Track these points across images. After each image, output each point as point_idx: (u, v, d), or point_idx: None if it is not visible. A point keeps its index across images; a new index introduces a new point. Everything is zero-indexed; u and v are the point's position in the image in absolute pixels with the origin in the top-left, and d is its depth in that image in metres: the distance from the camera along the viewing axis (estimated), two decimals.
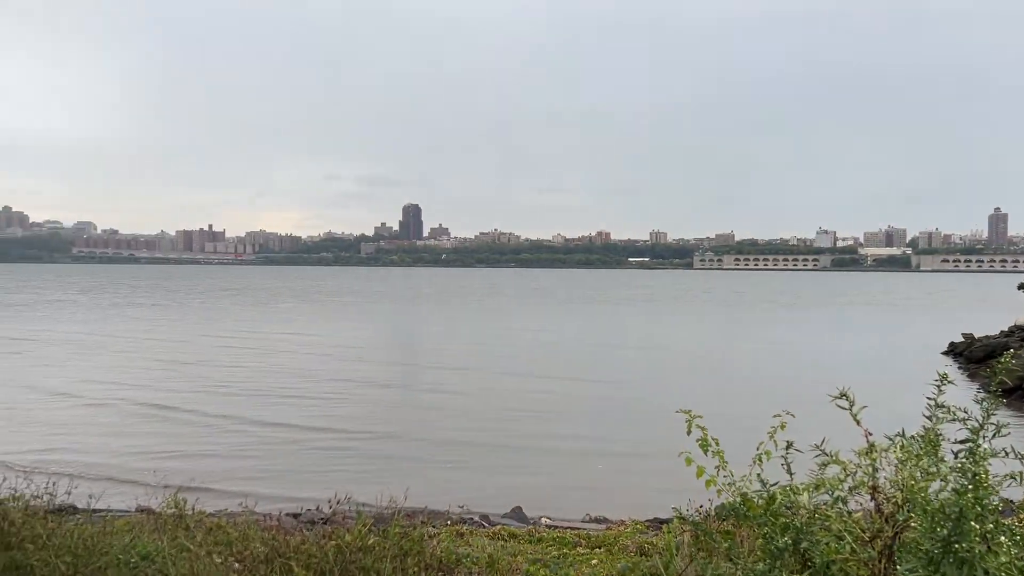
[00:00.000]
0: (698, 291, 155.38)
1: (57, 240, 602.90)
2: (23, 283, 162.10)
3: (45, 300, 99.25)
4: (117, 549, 6.34)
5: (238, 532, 5.97)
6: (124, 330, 57.43)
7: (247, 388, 30.17)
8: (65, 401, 27.57)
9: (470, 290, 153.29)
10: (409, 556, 4.52)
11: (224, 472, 17.64)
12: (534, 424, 24.99)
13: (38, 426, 23.04)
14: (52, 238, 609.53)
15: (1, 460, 5.77)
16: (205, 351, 43.77)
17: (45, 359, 40.04)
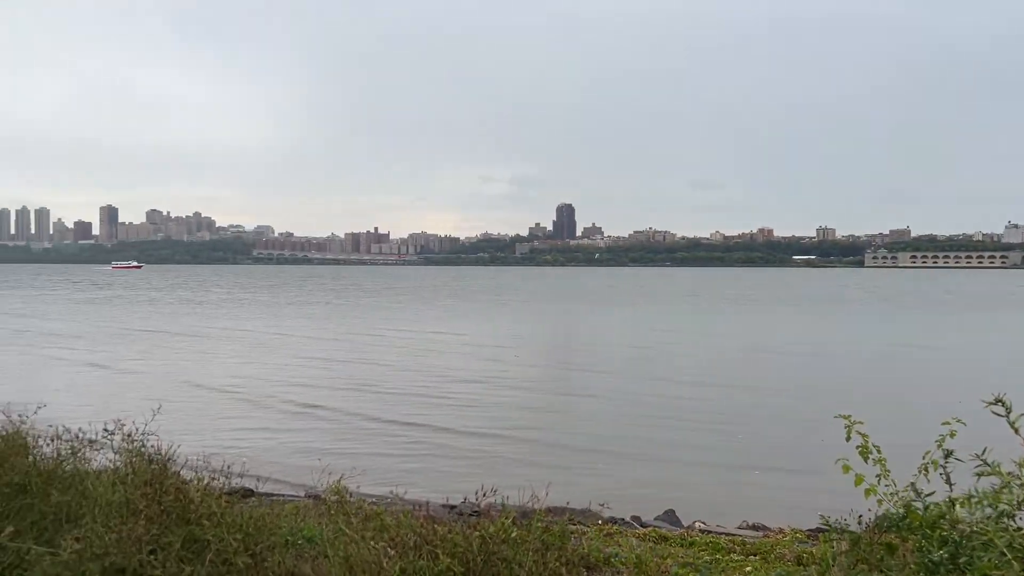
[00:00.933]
0: (866, 289, 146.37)
1: (240, 243, 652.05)
2: (214, 282, 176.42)
3: (235, 299, 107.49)
4: (285, 530, 6.77)
5: (393, 519, 6.21)
6: (295, 327, 61.19)
7: (405, 387, 31.28)
8: (235, 393, 29.78)
9: (622, 289, 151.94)
10: (550, 550, 4.54)
11: (378, 465, 18.43)
12: (684, 428, 24.43)
13: (211, 417, 24.98)
14: (235, 241, 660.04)
15: (180, 445, 6.41)
16: (368, 349, 45.87)
17: (224, 354, 43.40)
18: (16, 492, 6.30)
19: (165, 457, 6.22)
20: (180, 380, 32.76)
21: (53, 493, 6.04)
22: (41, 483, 6.35)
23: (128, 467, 6.27)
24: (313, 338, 51.75)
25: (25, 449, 6.75)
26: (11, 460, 6.48)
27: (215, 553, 5.00)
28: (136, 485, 5.56)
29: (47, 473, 6.46)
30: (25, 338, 50.37)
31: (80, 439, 7.00)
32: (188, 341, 49.40)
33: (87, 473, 6.63)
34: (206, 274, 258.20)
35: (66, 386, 30.93)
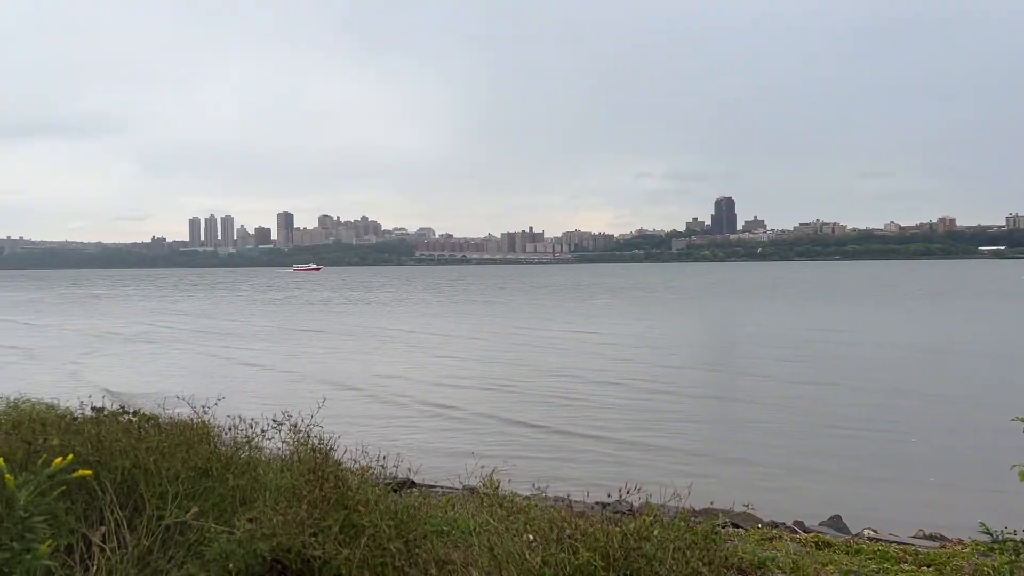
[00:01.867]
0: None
1: (403, 245, 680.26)
2: (380, 283, 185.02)
3: (399, 299, 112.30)
4: (438, 520, 7.05)
5: (538, 513, 6.33)
6: (454, 326, 63.08)
7: (557, 388, 31.45)
8: (394, 389, 31.15)
9: (786, 285, 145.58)
10: (693, 550, 4.48)
11: (526, 462, 18.69)
12: (850, 432, 23.14)
13: (371, 411, 26.25)
14: (399, 243, 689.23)
15: (340, 436, 6.85)
16: (525, 349, 46.53)
17: (386, 352, 45.47)
18: (199, 476, 6.94)
19: (326, 447, 6.65)
20: (344, 376, 34.67)
21: (230, 478, 6.61)
22: (220, 468, 6.95)
23: (294, 455, 6.76)
24: (469, 337, 53.19)
25: (208, 437, 7.41)
26: (196, 447, 7.13)
27: (370, 538, 5.30)
28: (300, 472, 5.98)
29: (226, 459, 7.06)
30: (211, 336, 54.95)
31: (253, 429, 7.60)
32: (355, 340, 52.10)
33: (259, 460, 7.20)
34: (374, 275, 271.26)
35: (243, 380, 33.49)
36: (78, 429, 7.80)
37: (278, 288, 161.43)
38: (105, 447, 7.21)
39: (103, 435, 7.38)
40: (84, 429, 7.79)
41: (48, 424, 9.25)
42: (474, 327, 61.16)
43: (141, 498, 7.02)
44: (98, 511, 6.97)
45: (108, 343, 51.05)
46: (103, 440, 7.27)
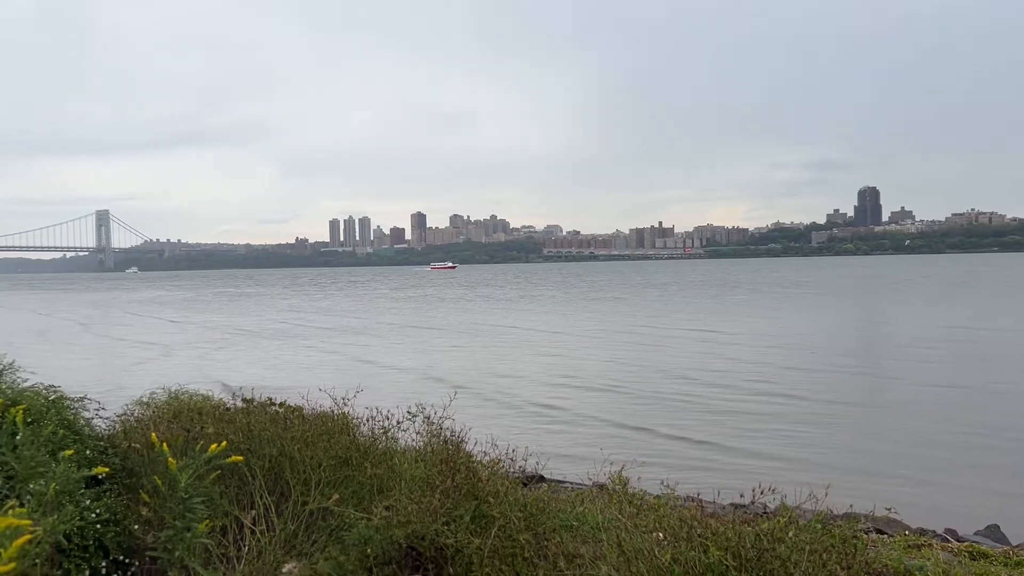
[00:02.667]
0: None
1: (531, 243, 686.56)
2: (510, 280, 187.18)
3: (531, 295, 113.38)
4: (567, 514, 7.10)
5: (668, 511, 6.26)
6: (581, 323, 63.00)
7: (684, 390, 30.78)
8: (523, 382, 31.43)
9: (939, 279, 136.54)
10: (830, 553, 4.32)
11: (655, 460, 18.39)
12: (1001, 443, 21.42)
13: (501, 404, 26.58)
14: (527, 241, 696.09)
15: (472, 428, 6.98)
16: (652, 348, 45.88)
17: (517, 347, 45.94)
18: (340, 464, 7.28)
19: (458, 439, 6.83)
20: (472, 372, 35.35)
21: (368, 467, 6.90)
22: (359, 458, 7.27)
23: (427, 447, 6.98)
24: (593, 335, 52.91)
25: (347, 428, 7.77)
26: (337, 437, 7.49)
27: (500, 528, 5.40)
28: (433, 463, 6.17)
29: (364, 449, 7.39)
30: (347, 333, 57.27)
31: (389, 420, 7.89)
32: (482, 337, 52.97)
33: (395, 451, 7.48)
34: (505, 273, 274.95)
35: (376, 374, 34.74)
36: (230, 419, 8.36)
37: (414, 286, 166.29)
38: (254, 436, 7.69)
39: (253, 424, 7.87)
40: (236, 419, 8.34)
41: (204, 413, 9.94)
42: (600, 324, 60.86)
43: (287, 484, 7.44)
44: (248, 495, 7.45)
45: (242, 339, 54.16)
46: (253, 429, 7.76)
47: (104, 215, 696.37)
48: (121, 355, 46.49)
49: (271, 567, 6.19)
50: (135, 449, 8.50)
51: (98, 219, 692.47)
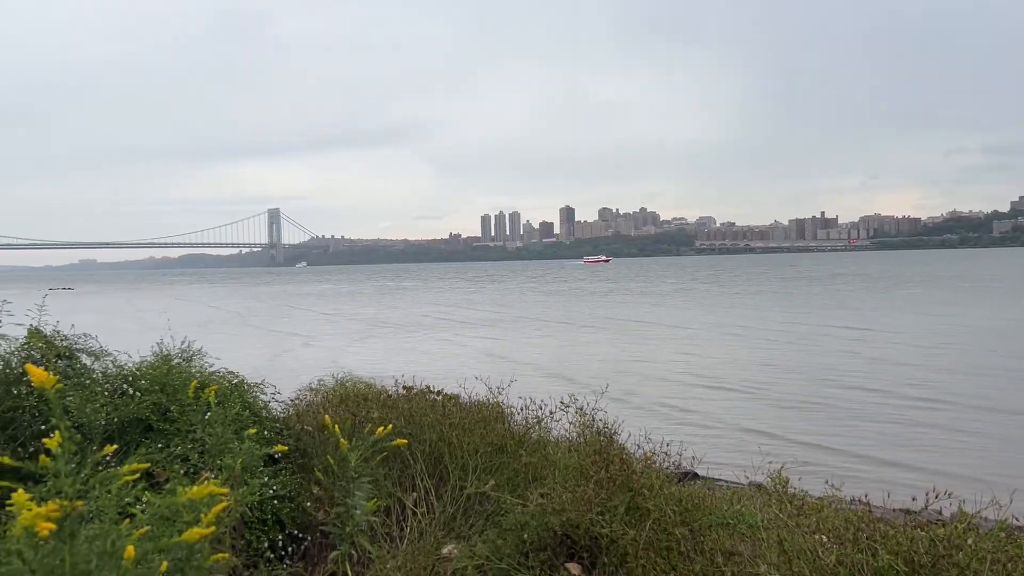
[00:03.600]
0: None
1: (682, 235, 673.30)
2: (661, 274, 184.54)
3: (683, 289, 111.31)
4: (723, 512, 6.96)
5: (831, 512, 6.01)
6: (739, 317, 61.09)
7: (864, 387, 29.05)
8: (677, 378, 30.76)
9: None
10: (1015, 564, 4.00)
11: (815, 460, 17.58)
12: None
13: (653, 400, 26.20)
14: (678, 233, 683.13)
15: (624, 421, 6.93)
16: (812, 344, 43.77)
17: (668, 341, 45.18)
18: (495, 451, 7.48)
19: (611, 431, 6.85)
20: (625, 363, 35.09)
21: (523, 455, 7.05)
22: (514, 446, 7.44)
23: (580, 437, 7.05)
24: (745, 332, 50.98)
25: (502, 416, 7.97)
26: (492, 425, 7.70)
27: (655, 521, 5.38)
28: (587, 454, 6.21)
29: (518, 438, 7.55)
30: (504, 322, 58.37)
31: (542, 410, 8.02)
32: (630, 331, 52.42)
33: (548, 440, 7.59)
34: (657, 266, 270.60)
35: (530, 361, 35.16)
36: (393, 404, 8.77)
37: (564, 279, 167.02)
38: (416, 421, 8.03)
39: (414, 410, 8.23)
40: (398, 405, 8.74)
41: (369, 399, 10.46)
42: (751, 321, 58.55)
43: (446, 469, 7.73)
44: (410, 478, 7.80)
45: (395, 330, 56.21)
46: (414, 415, 8.11)
47: (275, 213, 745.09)
48: (267, 344, 49.22)
49: (431, 547, 6.45)
50: (307, 431, 9.10)
51: (270, 217, 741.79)
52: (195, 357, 9.53)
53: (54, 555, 2.62)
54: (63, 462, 2.72)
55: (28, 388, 8.57)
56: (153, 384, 8.37)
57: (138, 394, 8.31)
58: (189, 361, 9.38)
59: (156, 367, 8.84)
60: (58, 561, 2.66)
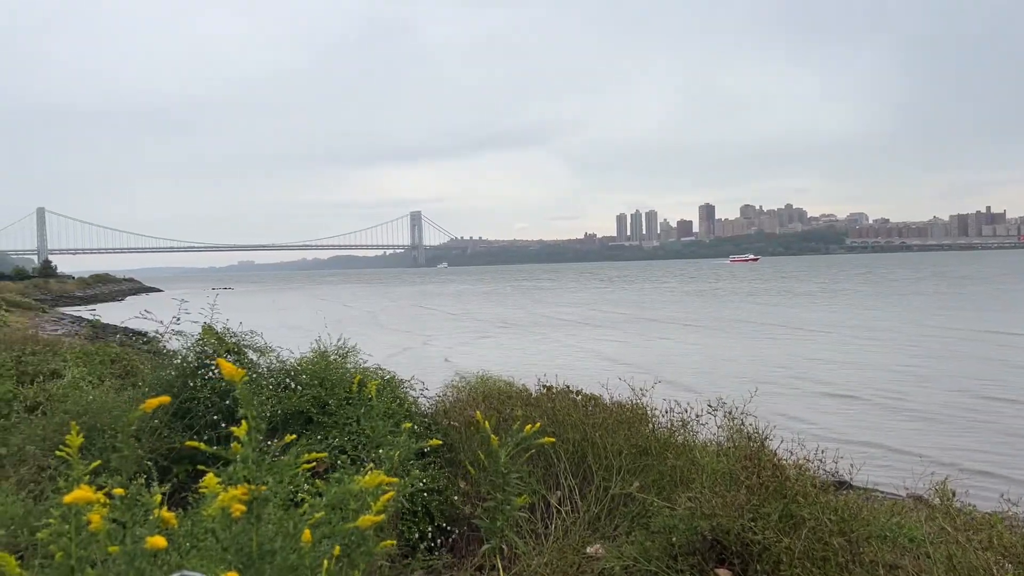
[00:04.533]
0: None
1: (831, 232, 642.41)
2: (808, 274, 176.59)
3: (830, 288, 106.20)
4: (882, 524, 6.63)
5: (1005, 528, 5.63)
6: (880, 320, 57.57)
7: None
8: (830, 384, 29.30)
9: None
10: None
11: (983, 472, 16.30)
12: None
13: (804, 405, 25.08)
14: (827, 231, 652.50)
15: (775, 426, 6.61)
16: (987, 351, 40.66)
17: (817, 344, 43.20)
18: (639, 453, 7.44)
19: (762, 436, 6.66)
20: (772, 365, 33.85)
21: (669, 457, 6.97)
22: (659, 448, 7.38)
23: (730, 441, 6.90)
24: (913, 334, 47.99)
25: (646, 418, 7.91)
26: (636, 426, 7.67)
27: (810, 530, 5.20)
28: (737, 458, 6.08)
29: (663, 440, 7.48)
30: (648, 324, 57.63)
31: (688, 413, 7.90)
32: (782, 331, 50.48)
33: (694, 444, 7.47)
34: (808, 265, 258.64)
35: (674, 364, 34.54)
36: (536, 403, 8.90)
37: (705, 278, 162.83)
38: (559, 420, 8.11)
39: (557, 409, 8.31)
40: (541, 403, 8.86)
41: (512, 397, 10.64)
42: (910, 325, 54.84)
43: (589, 469, 7.76)
44: (554, 477, 7.88)
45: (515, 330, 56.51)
46: (557, 414, 8.19)
47: (417, 216, 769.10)
48: (391, 342, 50.10)
49: (577, 546, 6.50)
50: (454, 427, 9.37)
51: (412, 220, 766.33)
52: (350, 354, 10.04)
53: (244, 535, 2.84)
54: (251, 449, 2.96)
55: (203, 381, 9.33)
56: (313, 379, 8.89)
57: (299, 388, 8.85)
58: (344, 357, 9.88)
59: (315, 363, 9.38)
60: (246, 540, 2.88)
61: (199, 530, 2.85)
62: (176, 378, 9.36)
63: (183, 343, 9.75)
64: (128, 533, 2.71)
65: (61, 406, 8.93)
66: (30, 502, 4.90)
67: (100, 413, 8.24)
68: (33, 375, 14.53)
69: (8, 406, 11.81)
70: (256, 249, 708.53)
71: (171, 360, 9.75)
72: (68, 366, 14.33)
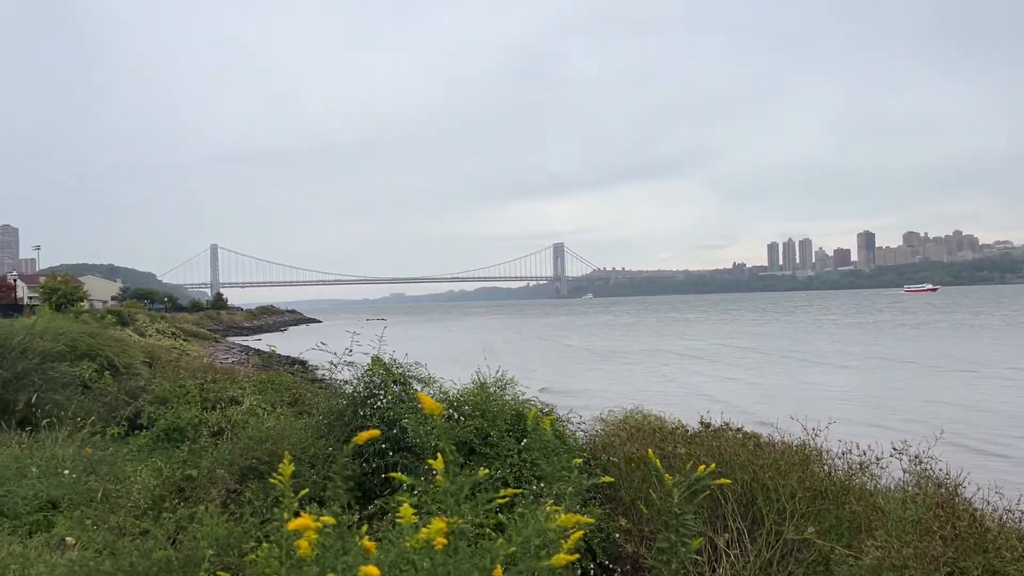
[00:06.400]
0: None
1: (1007, 260, 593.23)
2: (983, 305, 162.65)
3: (1016, 322, 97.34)
4: None
5: None
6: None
7: None
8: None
9: None
10: None
11: None
12: None
13: (1005, 451, 23.01)
14: (1002, 258, 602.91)
15: (969, 472, 6.05)
16: None
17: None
18: (814, 497, 7.07)
19: (953, 483, 6.17)
20: (952, 407, 31.36)
21: (852, 502, 6.57)
22: (835, 492, 6.98)
23: (917, 487, 6.42)
24: None
25: (820, 460, 7.52)
26: (810, 468, 7.30)
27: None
28: (927, 506, 5.67)
29: (840, 484, 7.06)
30: (786, 360, 54.96)
31: (867, 456, 7.45)
32: (965, 369, 46.66)
33: (876, 489, 7.02)
34: (991, 294, 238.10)
35: (845, 403, 32.57)
36: (701, 441, 8.65)
37: (872, 310, 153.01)
38: (725, 460, 7.84)
39: (723, 448, 8.05)
40: (704, 441, 8.61)
41: (672, 433, 10.42)
42: None
43: (759, 511, 7.44)
44: (722, 518, 7.61)
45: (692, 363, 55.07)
46: (723, 453, 7.93)
47: (560, 247, 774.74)
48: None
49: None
50: (612, 462, 9.27)
51: (555, 251, 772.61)
52: (508, 385, 10.18)
53: (443, 567, 2.91)
54: (449, 482, 3.05)
55: (371, 410, 9.73)
56: (475, 410, 9.07)
57: (462, 419, 9.05)
58: (503, 389, 10.03)
59: (476, 394, 9.57)
60: (444, 573, 2.95)
61: (402, 560, 2.95)
62: (347, 407, 9.82)
63: (353, 373, 10.23)
64: (339, 560, 2.85)
65: (244, 432, 9.56)
66: (232, 524, 5.24)
67: (280, 439, 8.75)
68: (214, 401, 15.72)
69: (195, 430, 12.84)
70: (407, 282, 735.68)
71: (343, 389, 10.26)
72: (246, 394, 15.39)
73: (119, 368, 20.48)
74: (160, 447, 12.09)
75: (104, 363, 20.28)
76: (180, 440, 12.12)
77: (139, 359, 22.79)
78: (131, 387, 17.33)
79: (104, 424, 12.76)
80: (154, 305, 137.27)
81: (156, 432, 12.87)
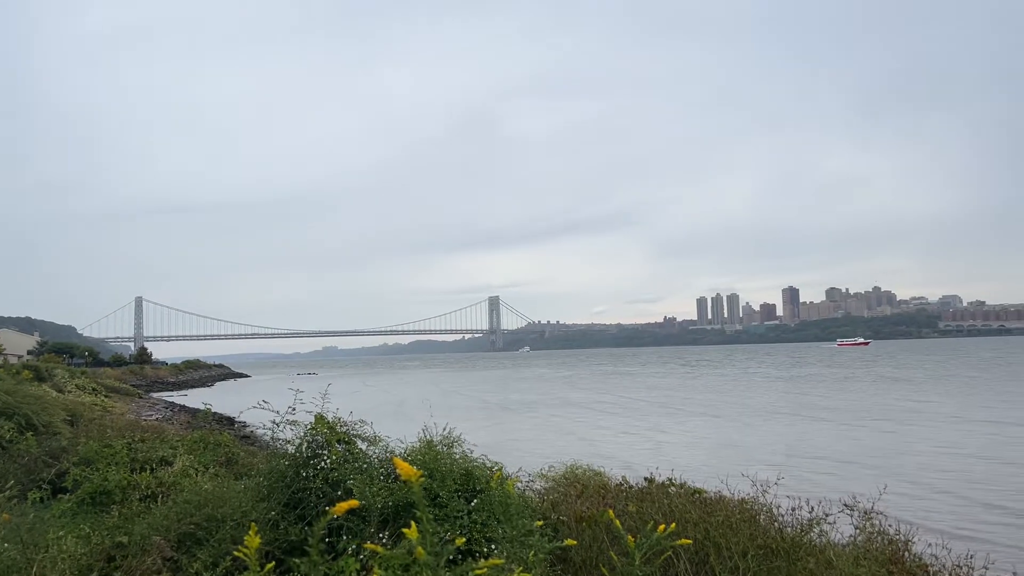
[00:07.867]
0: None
1: (923, 316, 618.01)
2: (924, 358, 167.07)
3: (937, 375, 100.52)
4: None
5: None
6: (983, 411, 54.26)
7: None
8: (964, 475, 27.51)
9: None
10: None
11: None
12: None
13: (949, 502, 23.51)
14: (918, 314, 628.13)
15: (917, 527, 6.15)
16: None
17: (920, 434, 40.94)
18: (767, 554, 7.09)
19: (904, 538, 6.26)
20: (881, 460, 32.10)
21: (803, 558, 6.61)
22: (787, 549, 7.01)
23: (868, 543, 6.50)
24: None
25: (771, 516, 7.56)
26: (760, 524, 7.33)
27: None
28: (880, 562, 5.74)
29: (791, 540, 7.11)
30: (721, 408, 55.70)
31: (815, 511, 7.52)
32: (879, 420, 48.11)
33: (827, 544, 7.07)
34: (915, 349, 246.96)
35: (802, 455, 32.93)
36: (652, 499, 8.62)
37: (803, 363, 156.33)
38: (677, 517, 7.83)
39: (674, 506, 8.04)
40: (656, 498, 8.58)
41: (613, 490, 10.36)
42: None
43: (711, 570, 7.42)
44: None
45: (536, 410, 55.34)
46: (675, 511, 7.91)
47: (495, 301, 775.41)
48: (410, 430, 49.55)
49: None
50: (562, 521, 9.16)
51: (490, 304, 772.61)
52: (455, 444, 9.99)
53: None
54: (427, 551, 2.94)
55: (315, 471, 9.41)
56: (423, 468, 8.85)
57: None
58: (450, 447, 9.84)
59: (423, 452, 9.36)
60: None
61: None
62: (288, 467, 9.48)
63: (295, 432, 9.90)
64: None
65: (181, 496, 9.13)
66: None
67: (220, 503, 8.38)
68: (143, 462, 14.99)
69: (124, 494, 12.20)
70: (339, 335, 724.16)
71: (283, 449, 9.91)
72: (177, 454, 14.75)
73: (38, 427, 19.50)
74: (86, 512, 11.43)
75: (22, 422, 19.29)
76: (108, 504, 11.51)
77: (60, 417, 21.76)
78: (52, 447, 16.45)
79: (23, 488, 12.07)
80: (74, 360, 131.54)
81: (81, 495, 12.19)
